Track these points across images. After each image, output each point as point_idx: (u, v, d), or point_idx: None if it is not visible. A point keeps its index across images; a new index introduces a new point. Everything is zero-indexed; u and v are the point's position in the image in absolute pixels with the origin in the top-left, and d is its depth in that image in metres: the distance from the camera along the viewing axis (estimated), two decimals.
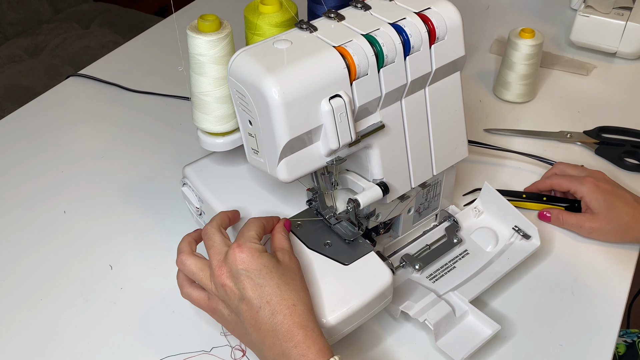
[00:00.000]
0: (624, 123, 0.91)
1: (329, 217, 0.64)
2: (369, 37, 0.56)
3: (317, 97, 0.53)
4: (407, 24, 0.58)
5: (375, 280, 0.59)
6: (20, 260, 0.75)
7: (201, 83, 0.61)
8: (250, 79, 0.53)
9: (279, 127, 0.53)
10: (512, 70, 0.93)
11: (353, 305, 0.58)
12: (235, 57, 0.54)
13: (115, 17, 1.89)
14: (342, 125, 0.55)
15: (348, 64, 0.54)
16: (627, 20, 1.01)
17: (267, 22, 0.61)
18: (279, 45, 0.55)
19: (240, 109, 0.57)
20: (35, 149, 0.91)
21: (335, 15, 0.58)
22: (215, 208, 0.66)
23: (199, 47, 0.59)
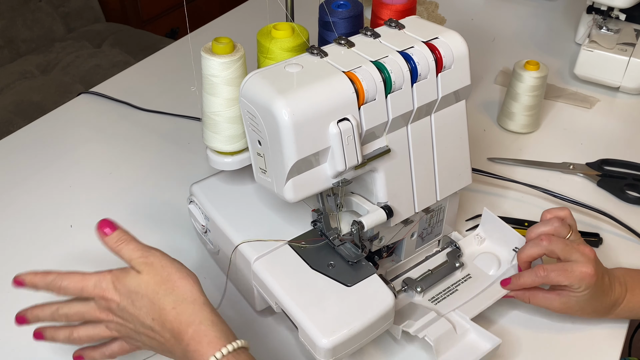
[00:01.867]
0: (626, 156, 0.93)
1: (333, 239, 0.65)
2: (377, 64, 0.57)
3: (326, 119, 0.55)
4: (415, 52, 0.59)
5: (377, 302, 0.60)
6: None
7: (213, 103, 0.62)
8: (261, 100, 0.54)
9: (287, 147, 0.54)
10: (517, 101, 0.95)
11: (354, 327, 0.58)
12: (247, 79, 0.56)
13: (127, 38, 1.93)
14: (349, 148, 0.56)
15: (357, 88, 0.56)
16: (630, 56, 1.03)
17: (279, 47, 0.62)
18: (290, 69, 0.56)
19: (250, 129, 0.58)
20: (45, 164, 0.92)
21: (345, 42, 0.60)
22: (221, 226, 0.67)
23: (212, 68, 0.61)
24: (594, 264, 0.63)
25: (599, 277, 0.63)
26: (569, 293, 0.64)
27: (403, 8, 0.71)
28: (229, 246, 0.66)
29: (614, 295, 0.65)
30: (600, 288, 0.64)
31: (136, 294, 0.55)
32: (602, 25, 1.08)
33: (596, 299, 0.64)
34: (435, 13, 1.32)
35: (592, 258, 0.63)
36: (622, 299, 0.66)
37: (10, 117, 1.58)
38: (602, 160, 0.92)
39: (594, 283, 0.62)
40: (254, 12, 1.34)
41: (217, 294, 0.71)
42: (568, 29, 1.27)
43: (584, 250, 0.64)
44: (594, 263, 0.63)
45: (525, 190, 0.87)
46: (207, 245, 0.73)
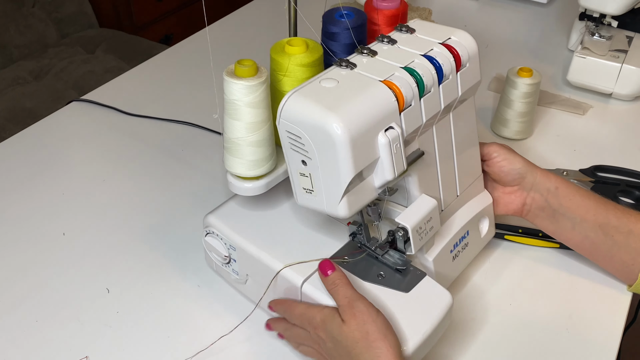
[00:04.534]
0: (619, 162, 0.93)
1: (375, 249, 0.64)
2: (408, 70, 0.58)
3: (375, 130, 0.55)
4: (436, 54, 0.61)
5: (438, 303, 0.60)
6: (19, 280, 0.75)
7: (237, 128, 0.60)
8: (309, 119, 0.54)
9: (344, 164, 0.53)
10: (510, 108, 0.95)
11: (426, 331, 0.58)
12: (286, 99, 0.55)
13: (120, 44, 1.92)
14: (397, 156, 0.57)
15: (397, 96, 0.56)
16: (622, 63, 1.03)
17: (295, 63, 0.61)
18: (327, 84, 0.56)
19: (292, 150, 0.57)
20: (37, 171, 0.92)
21: (368, 51, 0.60)
22: (252, 254, 0.65)
23: (236, 92, 0.59)
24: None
25: None
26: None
27: (395, 13, 0.72)
28: (265, 273, 0.64)
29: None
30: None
31: (338, 342, 0.57)
32: (595, 32, 1.09)
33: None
34: (429, 20, 1.32)
35: None
36: None
37: (2, 123, 1.58)
38: (595, 166, 0.92)
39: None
40: (249, 18, 1.34)
41: (238, 321, 0.70)
42: (561, 35, 1.28)
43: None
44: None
45: None
46: (228, 276, 0.71)
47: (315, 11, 0.73)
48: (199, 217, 0.82)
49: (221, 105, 0.62)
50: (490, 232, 0.76)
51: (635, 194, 0.87)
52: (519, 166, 0.71)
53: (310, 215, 0.69)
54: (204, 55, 1.20)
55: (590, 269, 0.77)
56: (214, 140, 0.97)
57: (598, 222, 0.70)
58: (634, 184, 0.89)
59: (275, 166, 0.65)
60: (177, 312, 0.71)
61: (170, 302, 0.73)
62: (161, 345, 0.68)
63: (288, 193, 0.71)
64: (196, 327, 0.70)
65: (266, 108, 0.61)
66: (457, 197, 0.70)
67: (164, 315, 0.71)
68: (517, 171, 0.72)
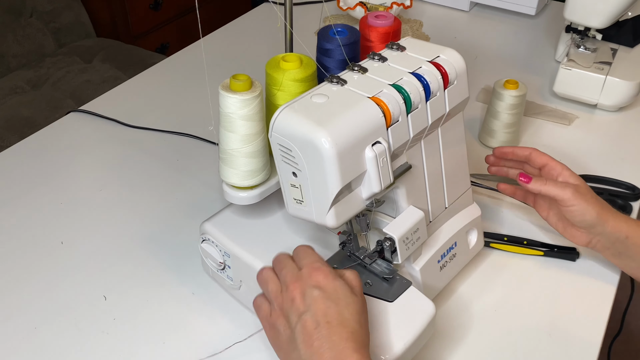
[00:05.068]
0: (603, 172, 0.96)
1: (364, 258, 0.67)
2: (396, 87, 0.61)
3: (362, 145, 0.57)
4: (424, 72, 0.63)
5: (421, 312, 0.62)
6: (18, 288, 0.77)
7: (231, 139, 0.63)
8: (298, 133, 0.56)
9: (331, 176, 0.56)
10: (497, 119, 0.98)
11: (408, 339, 0.60)
12: (278, 114, 0.58)
13: (117, 53, 1.95)
14: (384, 169, 0.59)
15: (384, 112, 0.59)
16: (607, 75, 1.06)
17: (289, 78, 0.64)
18: (317, 100, 0.59)
19: (283, 162, 0.59)
20: (36, 181, 0.94)
21: (359, 69, 0.63)
22: (245, 260, 0.68)
23: (231, 105, 0.61)
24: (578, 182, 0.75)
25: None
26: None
27: (389, 30, 0.74)
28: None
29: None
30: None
31: (338, 296, 0.56)
32: (580, 45, 1.12)
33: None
34: (420, 31, 1.35)
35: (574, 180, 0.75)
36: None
37: (0, 132, 1.59)
38: (580, 176, 0.94)
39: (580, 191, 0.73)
40: (244, 29, 1.37)
41: (237, 327, 0.72)
42: (548, 46, 1.31)
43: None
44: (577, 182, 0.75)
45: (507, 203, 0.89)
46: (223, 282, 0.74)
47: (310, 23, 0.76)
48: (195, 224, 0.84)
49: (216, 117, 0.64)
50: (479, 244, 0.78)
51: (618, 203, 0.90)
52: (590, 218, 0.72)
53: (301, 224, 0.72)
54: (199, 67, 1.22)
55: (574, 276, 0.79)
56: (209, 150, 1.00)
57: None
58: (617, 193, 0.92)
59: (268, 176, 0.68)
60: (173, 317, 0.74)
61: (167, 308, 0.75)
62: (158, 350, 0.70)
63: (281, 202, 0.73)
64: (192, 333, 0.72)
65: (260, 121, 0.63)
66: (446, 209, 0.72)
67: (160, 321, 0.73)
68: (587, 222, 0.73)
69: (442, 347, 0.70)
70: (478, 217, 0.77)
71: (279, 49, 1.26)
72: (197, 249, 0.81)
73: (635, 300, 0.76)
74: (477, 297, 0.76)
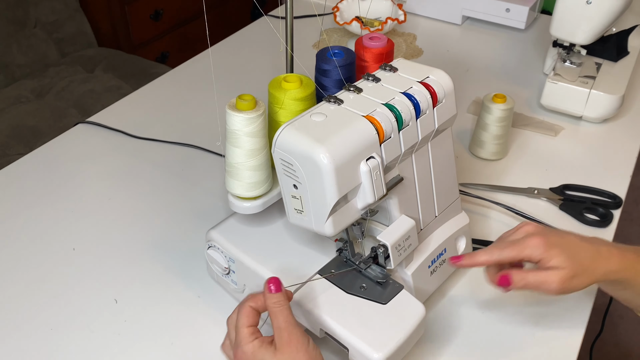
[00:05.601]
0: (586, 182, 1.01)
1: (359, 263, 0.72)
2: (388, 106, 0.66)
3: (357, 160, 0.62)
4: (415, 92, 0.68)
5: (412, 314, 0.67)
6: (34, 292, 0.82)
7: (236, 154, 0.68)
8: (299, 149, 0.61)
9: (329, 188, 0.61)
10: (486, 131, 1.03)
11: (399, 339, 0.65)
12: (280, 131, 0.63)
13: (119, 63, 1.99)
14: (377, 182, 0.64)
15: (377, 129, 0.64)
16: (590, 88, 1.11)
17: (290, 97, 0.69)
18: (316, 118, 0.64)
19: (285, 175, 0.64)
20: (47, 190, 0.98)
21: (354, 89, 0.68)
22: (248, 265, 0.73)
23: (237, 123, 0.66)
24: (542, 229, 0.69)
25: (554, 233, 0.68)
26: (554, 268, 0.66)
27: (383, 51, 0.79)
28: (260, 283, 0.70)
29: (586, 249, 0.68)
30: (567, 243, 0.67)
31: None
32: (566, 59, 1.17)
33: (576, 257, 0.66)
34: (414, 45, 1.40)
35: (539, 230, 0.69)
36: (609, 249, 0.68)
37: (6, 141, 1.64)
38: (564, 185, 1.00)
39: (551, 241, 0.67)
40: (245, 42, 1.42)
41: None
42: (537, 60, 1.36)
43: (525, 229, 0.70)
44: (541, 229, 0.69)
45: (494, 211, 0.94)
46: (228, 286, 0.78)
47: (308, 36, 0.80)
48: (199, 232, 0.89)
49: (223, 133, 0.69)
50: (467, 251, 0.83)
51: (600, 211, 0.95)
52: (582, 286, 0.68)
53: (301, 232, 0.77)
54: (202, 79, 1.27)
55: None
56: (213, 160, 1.05)
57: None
58: (599, 202, 0.97)
59: (270, 188, 0.73)
60: (180, 319, 0.78)
61: (174, 311, 0.79)
62: (166, 350, 0.75)
63: (281, 212, 0.78)
64: (199, 333, 0.77)
65: (263, 137, 0.68)
66: (436, 218, 0.77)
67: (168, 322, 0.78)
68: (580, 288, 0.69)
69: (433, 347, 0.75)
70: (466, 225, 0.82)
71: (278, 63, 1.31)
72: (202, 255, 0.86)
73: (615, 303, 0.81)
74: (466, 300, 0.81)
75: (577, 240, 0.69)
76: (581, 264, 0.66)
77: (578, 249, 0.67)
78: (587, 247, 0.68)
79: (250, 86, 1.23)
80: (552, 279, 0.66)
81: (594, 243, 0.69)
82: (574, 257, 0.66)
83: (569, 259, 0.66)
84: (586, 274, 0.67)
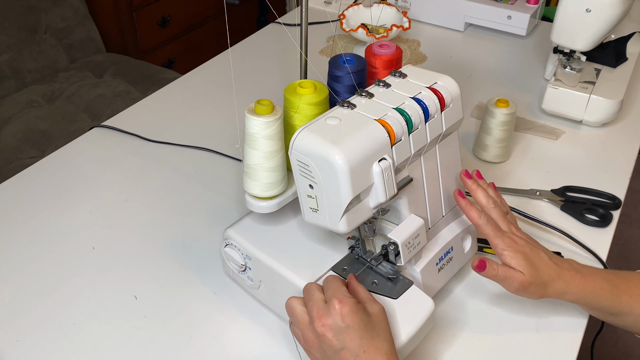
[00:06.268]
0: (587, 183, 1.04)
1: (371, 260, 0.75)
2: (399, 110, 0.70)
3: (370, 161, 0.66)
4: (424, 97, 0.72)
5: (422, 308, 0.70)
6: (56, 290, 0.85)
7: (254, 156, 0.72)
8: (315, 151, 0.65)
9: (344, 188, 0.64)
10: (489, 135, 1.06)
11: (410, 332, 0.68)
12: (297, 134, 0.66)
13: (127, 68, 2.03)
14: (389, 182, 0.68)
15: (389, 132, 0.67)
16: (590, 93, 1.15)
17: (305, 102, 0.73)
18: (331, 122, 0.67)
19: (301, 175, 0.68)
20: (65, 192, 1.02)
21: (366, 94, 0.72)
22: (264, 262, 0.76)
23: (255, 127, 0.70)
24: (521, 234, 0.76)
25: (529, 244, 0.75)
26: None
27: (392, 58, 0.83)
28: (276, 279, 0.76)
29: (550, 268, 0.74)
30: (534, 255, 0.73)
31: (365, 325, 0.63)
32: (566, 65, 1.21)
33: (537, 270, 0.72)
34: (418, 51, 1.44)
35: (520, 234, 0.76)
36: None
37: (18, 145, 1.67)
38: (565, 187, 1.03)
39: (520, 249, 0.73)
40: (254, 49, 1.45)
41: (255, 323, 0.81)
42: (538, 65, 1.40)
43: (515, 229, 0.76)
44: (521, 234, 0.76)
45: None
46: (244, 283, 0.82)
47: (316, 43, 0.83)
48: (214, 232, 0.93)
49: (242, 136, 0.73)
50: (473, 249, 0.87)
51: (600, 212, 0.98)
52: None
53: (313, 230, 0.80)
54: (212, 85, 1.31)
55: None
56: (226, 163, 1.08)
57: None
58: (599, 203, 1.00)
59: (286, 188, 0.76)
60: (197, 315, 0.82)
61: (191, 306, 0.83)
62: (185, 344, 0.78)
63: (295, 211, 0.82)
64: (215, 328, 0.80)
65: (280, 140, 0.72)
66: (443, 217, 0.81)
67: (186, 318, 0.81)
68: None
69: (440, 341, 0.78)
70: (472, 225, 0.85)
71: (287, 68, 1.35)
72: (217, 254, 0.89)
73: None
74: (471, 296, 0.85)
75: (545, 258, 0.75)
76: (539, 276, 0.73)
77: (542, 264, 0.74)
78: (551, 266, 0.74)
79: (263, 91, 1.26)
80: (515, 279, 0.72)
81: (560, 266, 0.75)
82: (534, 268, 0.73)
83: (529, 267, 0.72)
84: (542, 287, 0.73)
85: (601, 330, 0.99)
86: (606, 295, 0.74)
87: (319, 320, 0.64)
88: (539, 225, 0.95)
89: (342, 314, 0.63)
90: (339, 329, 0.63)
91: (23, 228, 0.95)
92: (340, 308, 0.63)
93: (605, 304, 0.74)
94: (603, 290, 0.74)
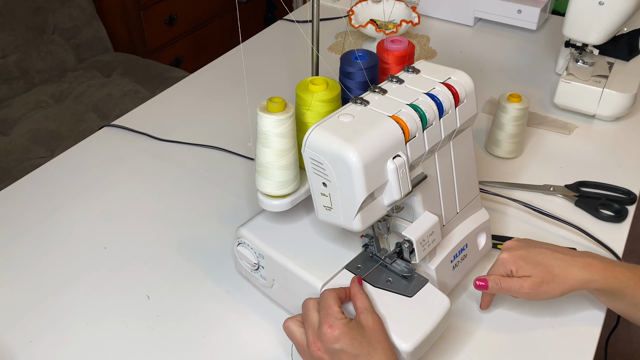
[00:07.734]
0: (601, 178, 1.03)
1: (385, 258, 0.74)
2: (413, 106, 0.69)
3: (384, 158, 0.65)
4: (438, 92, 0.71)
5: (438, 306, 0.70)
6: (69, 290, 0.85)
7: (267, 154, 0.71)
8: (329, 149, 0.64)
9: (358, 186, 0.64)
10: (502, 130, 1.05)
11: (426, 330, 0.67)
12: (310, 131, 0.65)
13: (135, 67, 2.03)
14: (403, 179, 0.67)
15: (403, 129, 0.66)
16: (603, 87, 1.14)
17: (317, 99, 0.72)
18: (344, 119, 0.66)
19: (314, 173, 0.67)
20: (76, 192, 1.02)
21: (379, 90, 0.71)
22: (277, 260, 0.76)
23: (267, 125, 0.69)
24: (513, 244, 0.77)
25: (522, 246, 0.76)
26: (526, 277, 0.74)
27: (405, 53, 0.82)
28: (289, 278, 0.75)
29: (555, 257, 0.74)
30: (534, 253, 0.74)
31: (359, 342, 0.63)
32: (578, 59, 1.20)
33: (543, 265, 0.73)
34: (427, 46, 1.43)
35: (511, 244, 0.77)
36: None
37: (28, 145, 1.68)
38: (579, 182, 1.02)
39: (517, 255, 0.75)
40: (263, 46, 1.45)
41: (267, 321, 0.80)
42: (549, 60, 1.39)
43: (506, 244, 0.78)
44: (512, 244, 0.77)
45: (511, 208, 0.97)
46: (257, 281, 0.81)
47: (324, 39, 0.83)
48: (225, 231, 0.92)
49: (254, 134, 0.72)
50: (487, 246, 0.86)
51: (615, 207, 0.97)
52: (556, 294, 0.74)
53: (326, 229, 0.80)
54: (220, 84, 1.30)
55: None
56: (236, 162, 1.08)
57: None
58: (614, 198, 0.99)
59: (298, 187, 0.75)
60: (210, 314, 0.81)
61: (205, 306, 0.82)
62: (198, 343, 0.78)
63: (308, 209, 0.81)
64: (228, 327, 0.79)
65: (292, 137, 0.71)
66: (457, 214, 0.80)
67: (199, 317, 0.81)
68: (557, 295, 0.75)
69: (455, 338, 0.78)
70: (487, 221, 0.84)
71: (297, 65, 1.34)
72: (229, 253, 0.89)
73: None
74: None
75: (548, 252, 0.75)
76: (550, 272, 0.73)
77: (548, 259, 0.74)
78: (559, 258, 0.74)
79: (273, 88, 1.26)
80: (523, 285, 0.73)
81: (570, 254, 0.75)
82: (541, 266, 0.73)
83: (536, 267, 0.73)
84: (556, 281, 0.73)
85: (616, 327, 0.98)
86: (629, 283, 0.73)
87: (314, 345, 0.65)
88: (554, 221, 0.94)
89: (333, 338, 0.63)
90: (333, 352, 0.63)
91: (34, 229, 0.95)
92: (330, 333, 0.63)
93: (629, 291, 0.73)
94: (625, 277, 0.73)
